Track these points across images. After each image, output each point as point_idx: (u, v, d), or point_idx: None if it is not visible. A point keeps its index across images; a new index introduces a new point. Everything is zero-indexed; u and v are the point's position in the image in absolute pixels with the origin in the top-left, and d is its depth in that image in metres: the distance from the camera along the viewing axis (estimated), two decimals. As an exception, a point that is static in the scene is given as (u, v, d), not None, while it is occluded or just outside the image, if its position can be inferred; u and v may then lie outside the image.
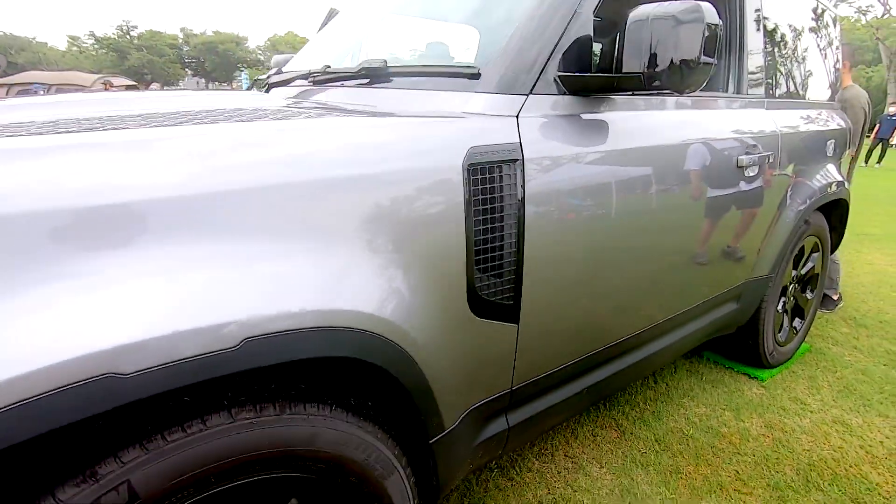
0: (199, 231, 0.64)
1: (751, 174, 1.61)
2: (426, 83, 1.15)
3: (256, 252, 0.68)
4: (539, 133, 1.04)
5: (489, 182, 0.93)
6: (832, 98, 2.40)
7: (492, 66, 1.07)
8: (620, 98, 1.24)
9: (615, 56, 1.06)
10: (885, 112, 13.26)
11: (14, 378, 0.51)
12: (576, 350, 1.26)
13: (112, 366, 0.56)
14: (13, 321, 0.53)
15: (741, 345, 2.14)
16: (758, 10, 1.73)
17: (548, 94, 1.09)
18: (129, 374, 0.57)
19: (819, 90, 2.26)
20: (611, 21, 1.22)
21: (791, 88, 1.99)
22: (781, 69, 1.92)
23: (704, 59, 1.00)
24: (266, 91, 1.44)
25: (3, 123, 0.83)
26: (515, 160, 0.97)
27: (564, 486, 1.55)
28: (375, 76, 1.21)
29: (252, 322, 0.65)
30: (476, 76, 1.06)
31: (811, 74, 2.18)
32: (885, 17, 26.11)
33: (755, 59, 1.73)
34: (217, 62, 65.37)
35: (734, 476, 1.60)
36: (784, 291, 2.19)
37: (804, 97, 2.10)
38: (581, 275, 1.15)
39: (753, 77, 1.73)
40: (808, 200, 1.95)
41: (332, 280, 0.74)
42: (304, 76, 1.38)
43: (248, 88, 1.95)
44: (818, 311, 2.72)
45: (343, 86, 1.30)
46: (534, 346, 1.12)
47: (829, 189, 2.12)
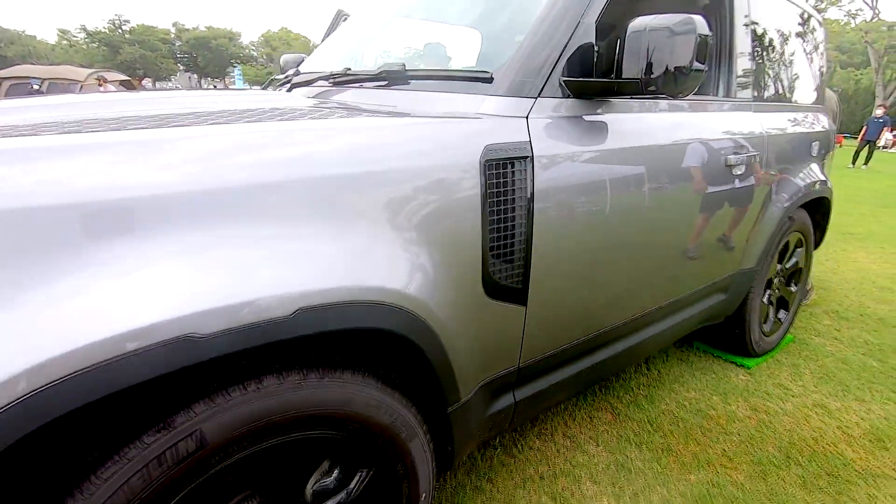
0: (262, 216, 0.74)
1: (738, 173, 1.73)
2: (442, 86, 1.25)
3: (307, 236, 0.78)
4: (546, 133, 1.14)
5: (503, 176, 1.03)
6: (818, 101, 2.52)
7: (503, 71, 1.17)
8: (619, 101, 1.34)
9: (615, 62, 1.17)
10: (873, 115, 13.49)
11: (116, 336, 0.61)
12: (577, 333, 1.36)
13: (192, 329, 0.66)
14: (112, 292, 0.63)
15: (729, 334, 2.26)
16: (746, 17, 1.85)
17: (554, 98, 1.19)
18: (205, 336, 0.67)
19: (805, 93, 2.38)
20: (611, 30, 1.32)
21: (777, 92, 2.11)
22: (768, 74, 2.03)
23: (696, 66, 1.11)
24: (288, 90, 1.53)
25: (52, 122, 0.92)
26: (526, 157, 1.07)
27: (563, 463, 1.66)
28: (394, 79, 1.31)
29: (303, 295, 0.75)
30: (489, 80, 1.16)
31: (797, 79, 2.30)
32: (874, 21, 26.50)
33: (743, 65, 1.85)
34: (210, 58, 64.85)
35: (721, 453, 1.72)
36: (769, 284, 2.32)
37: (790, 100, 2.22)
38: (582, 263, 1.26)
39: (741, 81, 1.85)
40: (792, 198, 2.07)
41: (369, 261, 0.84)
42: (326, 77, 1.47)
43: (264, 87, 2.01)
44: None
45: (362, 87, 1.40)
46: (539, 328, 1.22)
47: (813, 188, 2.24)
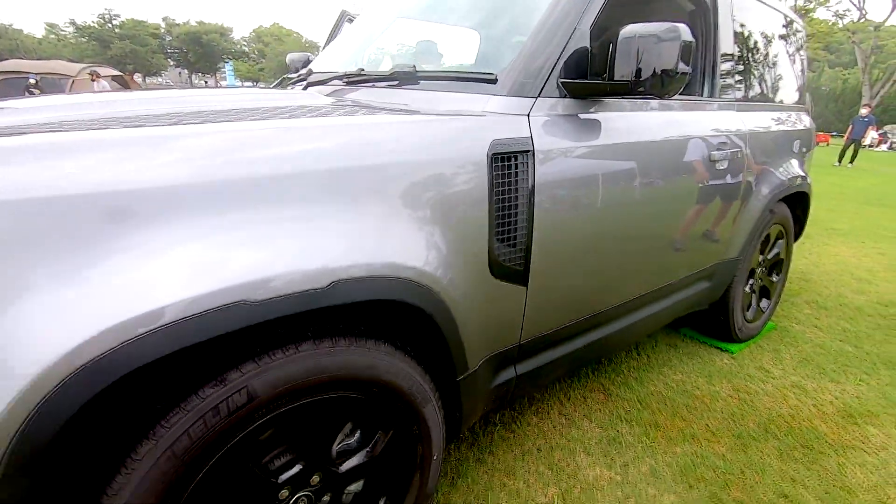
0: (304, 202, 0.85)
1: (721, 168, 1.86)
2: (449, 86, 1.36)
3: (340, 218, 0.89)
4: (545, 129, 1.26)
5: (507, 169, 1.14)
6: (800, 101, 2.66)
7: (506, 73, 1.28)
8: (611, 100, 1.46)
9: (608, 65, 1.29)
10: (858, 114, 13.77)
11: (182, 301, 0.72)
12: (573, 313, 1.48)
13: (246, 295, 0.77)
14: (180, 265, 0.73)
15: (714, 321, 2.40)
16: (730, 22, 1.97)
17: (552, 97, 1.30)
18: (257, 302, 0.78)
19: (787, 93, 2.51)
20: (604, 36, 1.44)
21: (760, 92, 2.24)
22: (751, 75, 2.16)
23: (681, 69, 1.23)
24: (304, 88, 1.63)
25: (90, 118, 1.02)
26: (528, 151, 1.18)
27: (559, 437, 1.78)
28: (405, 79, 1.42)
29: (337, 270, 0.86)
30: (493, 81, 1.28)
31: (779, 80, 2.43)
32: (861, 21, 26.90)
33: (727, 67, 1.97)
34: (201, 53, 64.26)
35: (705, 428, 1.85)
36: (752, 273, 2.45)
37: (772, 100, 2.35)
38: (577, 249, 1.38)
39: (725, 83, 1.97)
40: (773, 192, 2.20)
41: (392, 242, 0.95)
42: (340, 77, 1.58)
43: (276, 84, 2.10)
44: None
45: (374, 86, 1.50)
46: (539, 307, 1.34)
47: (793, 183, 2.38)
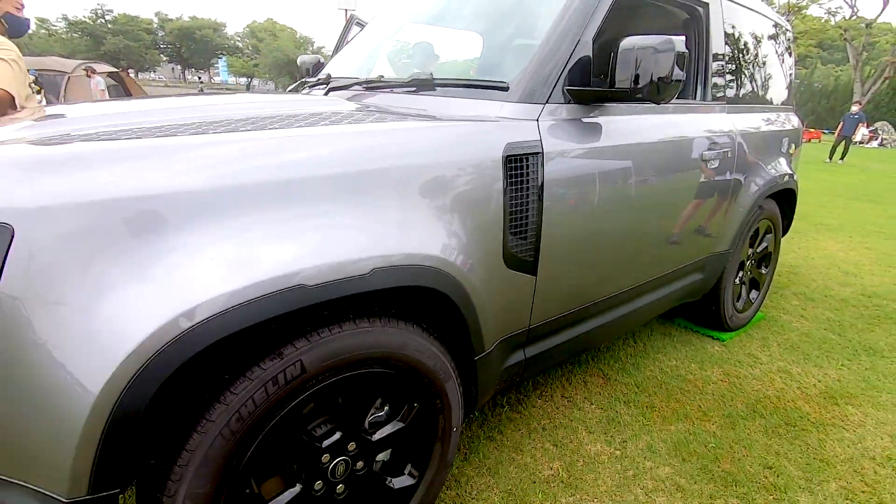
0: (347, 199, 0.98)
1: (713, 166, 1.99)
2: (463, 93, 1.49)
3: (379, 215, 1.02)
4: (552, 133, 1.38)
5: (520, 169, 1.27)
6: (787, 102, 2.80)
7: (517, 81, 1.41)
8: (611, 105, 1.59)
9: (609, 73, 1.41)
10: (849, 111, 13.98)
11: (253, 284, 0.84)
12: (576, 301, 1.61)
13: (303, 280, 0.89)
14: (250, 254, 0.86)
15: (706, 311, 2.54)
16: (721, 28, 2.10)
17: (558, 103, 1.43)
18: (312, 286, 0.91)
19: (775, 95, 2.65)
20: (606, 47, 1.56)
21: (749, 95, 2.37)
22: (740, 79, 2.30)
23: (676, 77, 1.35)
24: (325, 94, 1.74)
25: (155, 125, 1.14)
26: (537, 153, 1.31)
27: (563, 417, 1.92)
28: (422, 86, 1.54)
29: (378, 259, 0.99)
30: (505, 88, 1.40)
31: (767, 83, 2.57)
32: (853, 19, 27.18)
33: (718, 72, 2.10)
34: (194, 49, 63.80)
35: (697, 409, 2.00)
36: (742, 266, 2.60)
37: (761, 102, 2.49)
38: (581, 241, 1.51)
39: (716, 87, 2.10)
40: (761, 188, 2.34)
41: (422, 234, 1.08)
42: (361, 83, 1.70)
43: (295, 87, 2.19)
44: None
45: (392, 92, 1.62)
46: (546, 295, 1.47)
47: (781, 180, 2.52)
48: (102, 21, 52.41)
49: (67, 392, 0.76)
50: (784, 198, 2.73)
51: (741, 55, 2.28)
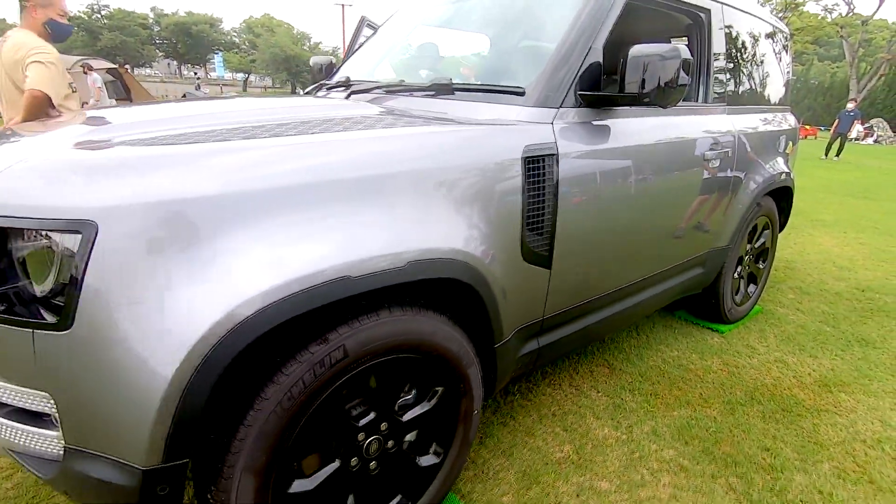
0: (386, 198, 1.07)
1: (714, 165, 2.09)
2: (481, 97, 1.57)
3: (412, 213, 1.11)
4: (565, 135, 1.47)
5: (537, 169, 1.36)
6: (784, 102, 2.90)
7: (532, 86, 1.50)
8: (618, 108, 1.67)
9: (619, 79, 1.50)
10: (845, 108, 14.10)
11: (307, 276, 0.93)
12: (587, 293, 1.71)
13: (348, 272, 0.99)
14: (302, 248, 0.95)
15: (706, 303, 2.65)
16: (721, 32, 2.19)
17: (571, 107, 1.52)
18: (356, 277, 1.00)
19: (773, 96, 2.74)
20: (613, 51, 1.65)
21: (748, 96, 2.46)
22: (740, 81, 2.39)
23: (681, 81, 1.45)
24: (346, 97, 1.82)
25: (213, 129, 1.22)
26: (553, 154, 1.40)
27: (571, 404, 2.02)
28: (441, 91, 1.62)
29: (414, 253, 1.09)
30: (521, 93, 1.49)
31: (765, 84, 2.66)
32: (850, 16, 27.32)
33: (719, 74, 2.20)
34: (190, 44, 63.35)
35: (698, 396, 2.10)
36: (740, 261, 2.70)
37: (759, 103, 2.58)
38: (591, 237, 1.60)
39: (717, 88, 2.20)
40: (760, 187, 2.44)
41: (450, 230, 1.17)
42: (382, 87, 1.78)
43: (313, 89, 2.27)
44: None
45: (412, 95, 1.71)
46: (559, 287, 1.56)
47: (778, 178, 2.62)
48: (98, 16, 52.04)
49: (146, 375, 0.85)
50: (781, 195, 2.83)
51: (740, 57, 2.38)
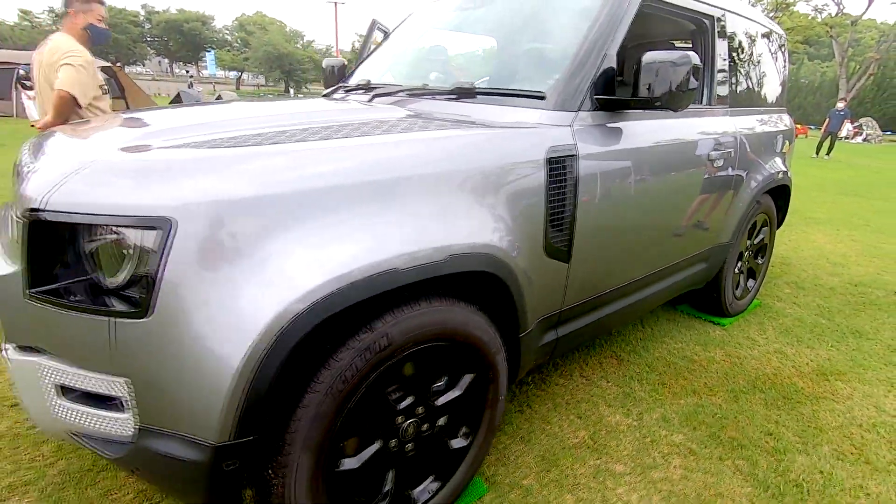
0: (428, 197, 1.15)
1: (717, 164, 2.19)
2: (502, 101, 1.66)
3: (450, 210, 1.19)
4: (583, 136, 1.56)
5: (559, 170, 1.45)
6: (781, 103, 3.01)
7: (552, 91, 1.59)
8: (629, 111, 1.77)
9: (631, 84, 1.59)
10: (835, 108, 14.33)
11: (360, 268, 1.02)
12: (602, 287, 1.80)
13: (394, 265, 1.07)
14: (355, 243, 1.03)
15: (708, 297, 2.75)
16: (723, 38, 2.29)
17: (588, 111, 1.61)
18: (402, 269, 1.08)
19: (771, 98, 2.85)
20: (629, 60, 1.74)
21: (748, 98, 2.57)
22: (740, 84, 2.49)
23: (691, 86, 1.54)
24: (369, 100, 1.90)
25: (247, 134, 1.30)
26: (573, 155, 1.49)
27: (583, 394, 2.11)
28: (464, 94, 1.71)
29: (453, 247, 1.17)
30: (542, 97, 1.58)
31: (763, 86, 2.76)
32: (839, 16, 27.68)
33: (721, 78, 2.30)
34: (182, 42, 62.87)
35: (703, 385, 2.20)
36: (741, 256, 2.81)
37: (758, 104, 2.69)
38: (608, 233, 1.70)
39: (720, 91, 2.30)
40: (759, 185, 2.55)
41: (483, 227, 1.26)
42: (405, 90, 1.86)
43: (332, 91, 2.33)
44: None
45: (434, 99, 1.79)
46: (577, 281, 1.65)
47: (776, 177, 2.73)
48: (88, 14, 51.45)
49: (219, 360, 0.93)
50: (779, 193, 2.95)
51: (742, 61, 2.48)
